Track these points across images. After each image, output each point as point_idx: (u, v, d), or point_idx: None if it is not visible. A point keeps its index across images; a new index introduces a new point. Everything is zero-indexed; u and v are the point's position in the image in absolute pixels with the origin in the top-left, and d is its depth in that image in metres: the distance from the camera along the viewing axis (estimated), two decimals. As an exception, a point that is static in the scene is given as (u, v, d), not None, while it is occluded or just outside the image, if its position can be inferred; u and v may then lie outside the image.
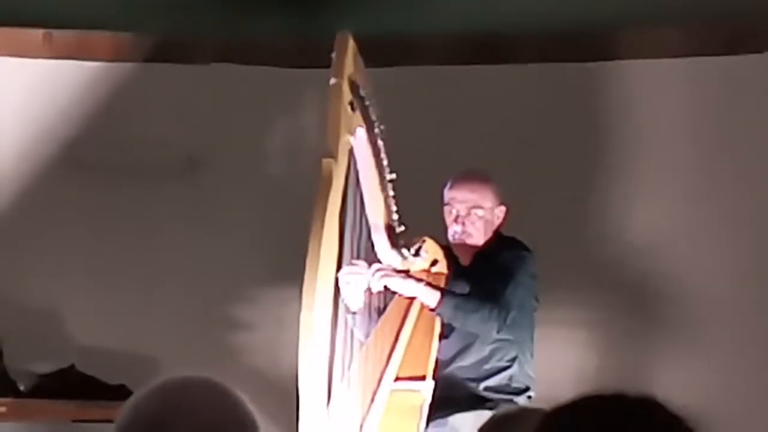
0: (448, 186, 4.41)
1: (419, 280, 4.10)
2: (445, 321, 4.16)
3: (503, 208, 4.43)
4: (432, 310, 4.09)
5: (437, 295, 4.07)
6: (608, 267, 5.73)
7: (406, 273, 4.19)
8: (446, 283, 4.28)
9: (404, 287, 4.05)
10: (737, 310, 5.60)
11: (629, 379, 5.53)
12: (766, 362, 5.53)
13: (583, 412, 1.70)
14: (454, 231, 4.38)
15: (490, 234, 4.40)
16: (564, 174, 5.80)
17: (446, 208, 4.39)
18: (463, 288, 4.26)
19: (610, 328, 5.71)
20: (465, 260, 4.42)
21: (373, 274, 3.95)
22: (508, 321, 4.18)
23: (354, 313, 3.93)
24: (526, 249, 4.38)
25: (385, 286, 4.06)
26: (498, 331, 4.18)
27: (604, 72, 5.86)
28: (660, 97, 5.79)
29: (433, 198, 4.46)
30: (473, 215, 4.36)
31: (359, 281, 3.92)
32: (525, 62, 5.90)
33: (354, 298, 3.90)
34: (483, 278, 4.24)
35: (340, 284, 3.74)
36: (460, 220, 4.36)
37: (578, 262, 5.67)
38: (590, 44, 5.85)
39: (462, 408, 4.18)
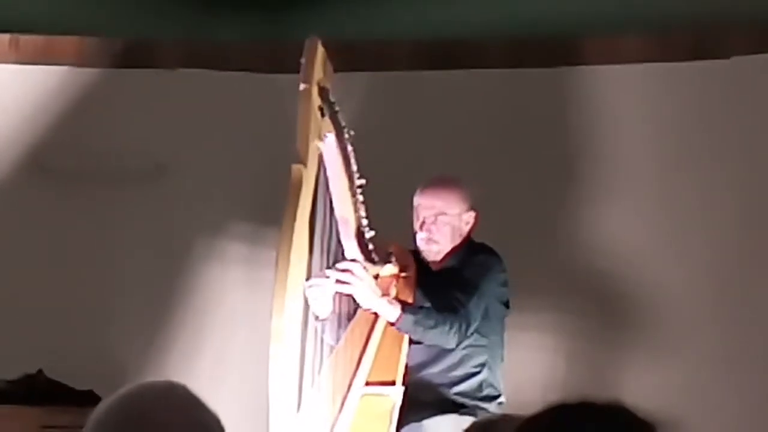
0: (417, 192, 4.40)
1: (383, 294, 4.05)
2: (405, 334, 4.14)
3: (472, 214, 4.41)
4: (392, 324, 4.07)
5: (398, 310, 4.04)
6: (576, 272, 5.76)
7: (375, 276, 4.21)
8: (414, 288, 4.29)
9: (365, 300, 4.00)
10: (704, 315, 5.63)
11: (597, 383, 5.55)
12: (732, 366, 5.57)
13: (551, 421, 1.71)
14: (420, 237, 4.38)
15: (458, 240, 4.38)
16: (532, 179, 5.82)
17: (414, 214, 4.39)
18: (430, 294, 4.26)
19: (578, 332, 5.73)
20: (433, 264, 4.42)
21: (341, 272, 3.89)
22: (470, 333, 4.17)
23: (323, 320, 3.93)
24: (495, 255, 4.36)
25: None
26: (457, 345, 4.17)
27: (569, 78, 5.89)
28: (625, 103, 5.81)
29: (402, 203, 4.47)
30: (439, 222, 4.34)
31: (324, 290, 3.89)
32: (491, 68, 5.92)
33: (321, 306, 3.89)
34: (447, 288, 4.23)
35: (306, 296, 3.73)
36: (426, 226, 4.34)
37: (546, 266, 5.69)
38: (556, 50, 5.88)
39: (435, 412, 4.19)
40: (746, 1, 5.59)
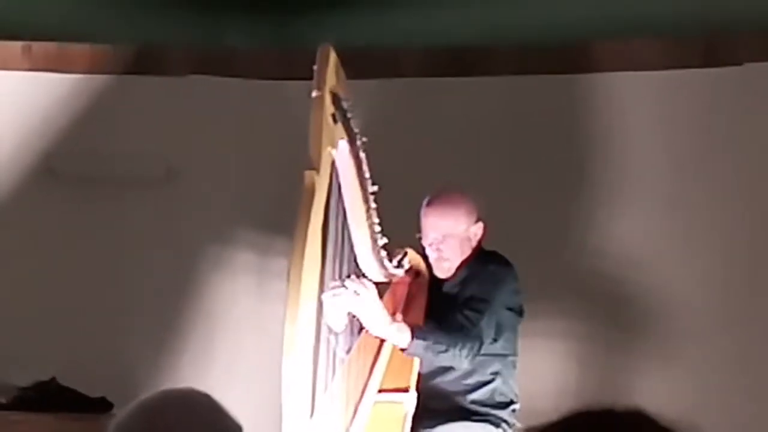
0: (422, 210, 4.36)
1: (392, 320, 4.05)
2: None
3: (480, 225, 4.38)
4: (402, 350, 4.06)
5: (407, 336, 4.02)
6: (588, 278, 5.76)
7: (389, 282, 4.22)
8: (428, 294, 4.28)
9: (374, 328, 3.99)
10: (715, 319, 5.63)
11: (609, 388, 5.55)
12: (743, 370, 5.57)
13: (572, 428, 1.72)
14: (431, 257, 4.36)
15: (468, 252, 4.36)
16: (542, 184, 5.82)
17: (421, 228, 4.36)
18: (441, 311, 4.26)
19: (590, 339, 5.73)
20: (442, 273, 4.41)
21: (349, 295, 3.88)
22: (490, 347, 4.17)
23: (337, 334, 3.92)
24: (507, 264, 4.34)
25: None
26: (470, 363, 4.16)
27: (580, 84, 5.89)
28: (636, 109, 5.82)
29: (414, 209, 4.46)
30: (447, 242, 4.33)
31: (340, 303, 3.89)
32: (502, 74, 5.93)
33: (337, 319, 3.89)
34: (458, 304, 4.22)
35: (324, 306, 3.73)
36: (434, 246, 4.33)
37: (558, 273, 5.69)
38: (566, 57, 5.88)
39: (447, 419, 4.19)
40: (758, 8, 5.59)
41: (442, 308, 4.26)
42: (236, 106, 6.07)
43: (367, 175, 3.90)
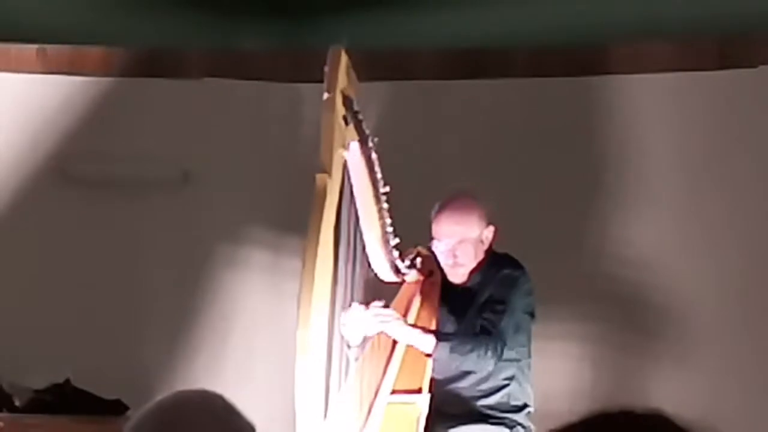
0: (433, 215, 4.37)
1: (413, 326, 4.11)
2: (442, 361, 4.16)
3: (492, 228, 4.39)
4: (428, 355, 4.10)
5: (432, 340, 4.07)
6: (603, 281, 5.75)
7: (401, 282, 4.24)
8: (440, 294, 4.30)
9: (400, 335, 4.06)
10: (731, 323, 5.62)
11: (623, 391, 5.54)
12: (758, 373, 5.55)
13: (591, 430, 1.72)
14: (446, 264, 4.38)
15: (481, 256, 4.38)
16: (557, 188, 5.82)
17: (434, 240, 4.38)
18: (457, 311, 4.27)
19: (604, 342, 5.72)
20: (457, 279, 4.42)
21: (372, 318, 3.95)
22: (505, 352, 4.19)
23: (355, 347, 3.95)
24: (519, 267, 4.36)
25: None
26: (495, 364, 4.19)
27: (596, 87, 5.89)
28: (652, 112, 5.81)
29: (426, 211, 4.47)
30: (462, 247, 4.34)
31: (359, 324, 3.93)
32: (516, 77, 5.93)
33: (354, 335, 3.92)
34: (477, 307, 4.24)
35: (341, 327, 3.76)
36: (449, 253, 4.35)
37: (573, 276, 5.68)
38: (581, 59, 5.88)
39: (463, 422, 4.20)
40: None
41: (458, 312, 4.29)
42: (250, 108, 6.08)
43: (380, 175, 3.91)
